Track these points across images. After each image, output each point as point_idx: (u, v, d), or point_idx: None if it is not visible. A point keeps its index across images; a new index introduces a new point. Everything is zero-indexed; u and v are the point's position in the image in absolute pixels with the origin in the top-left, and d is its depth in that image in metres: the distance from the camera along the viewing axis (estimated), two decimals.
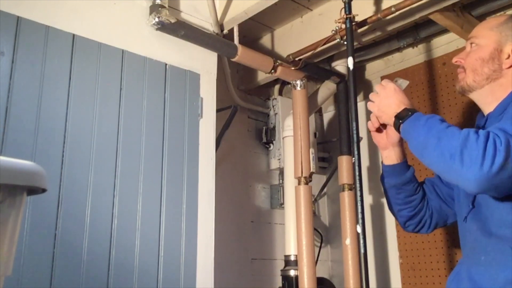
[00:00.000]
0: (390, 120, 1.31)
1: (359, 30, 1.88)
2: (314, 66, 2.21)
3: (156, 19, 1.65)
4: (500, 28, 1.32)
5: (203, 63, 1.84)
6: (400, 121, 1.27)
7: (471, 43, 1.36)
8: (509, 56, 1.28)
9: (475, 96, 1.35)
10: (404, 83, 1.48)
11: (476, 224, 1.25)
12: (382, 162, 1.52)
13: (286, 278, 2.04)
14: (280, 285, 2.08)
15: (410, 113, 1.26)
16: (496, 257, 1.16)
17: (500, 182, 1.05)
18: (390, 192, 1.52)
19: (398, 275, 2.31)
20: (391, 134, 1.43)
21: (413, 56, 2.41)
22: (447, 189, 1.47)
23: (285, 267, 2.06)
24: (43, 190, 0.70)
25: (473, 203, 1.27)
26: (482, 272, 1.18)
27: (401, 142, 1.48)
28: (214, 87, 1.85)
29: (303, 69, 2.11)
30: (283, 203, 2.31)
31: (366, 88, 2.56)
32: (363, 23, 1.83)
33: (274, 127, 2.48)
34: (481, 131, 1.08)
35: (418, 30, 2.18)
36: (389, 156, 1.48)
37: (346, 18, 1.71)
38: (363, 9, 1.84)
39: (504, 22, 1.33)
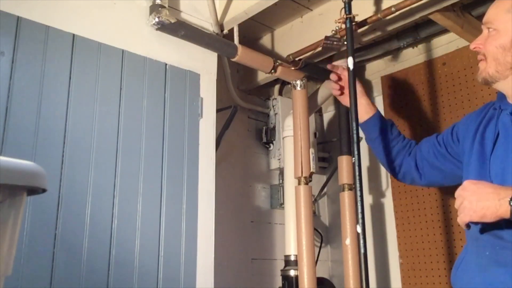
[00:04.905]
0: (498, 211, 1.06)
1: (359, 30, 1.88)
2: (314, 66, 2.21)
3: (156, 19, 1.65)
4: None
5: (203, 63, 1.84)
6: None
7: (489, 28, 1.28)
8: None
9: (499, 86, 1.30)
10: (343, 61, 1.68)
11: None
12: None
13: (286, 278, 2.04)
14: (280, 285, 2.08)
15: None
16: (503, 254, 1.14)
17: None
18: (373, 146, 1.68)
19: (398, 275, 2.30)
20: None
21: (413, 56, 2.40)
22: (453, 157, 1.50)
23: (285, 267, 2.06)
24: (43, 190, 0.70)
25: None
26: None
27: (365, 95, 1.70)
28: (214, 87, 1.85)
29: (303, 69, 2.11)
30: (283, 203, 2.31)
31: (366, 88, 2.55)
32: (363, 23, 1.83)
33: (274, 127, 2.48)
34: None
35: (418, 30, 2.17)
36: (360, 114, 1.62)
37: (346, 18, 1.71)
38: (363, 9, 1.83)
39: None
